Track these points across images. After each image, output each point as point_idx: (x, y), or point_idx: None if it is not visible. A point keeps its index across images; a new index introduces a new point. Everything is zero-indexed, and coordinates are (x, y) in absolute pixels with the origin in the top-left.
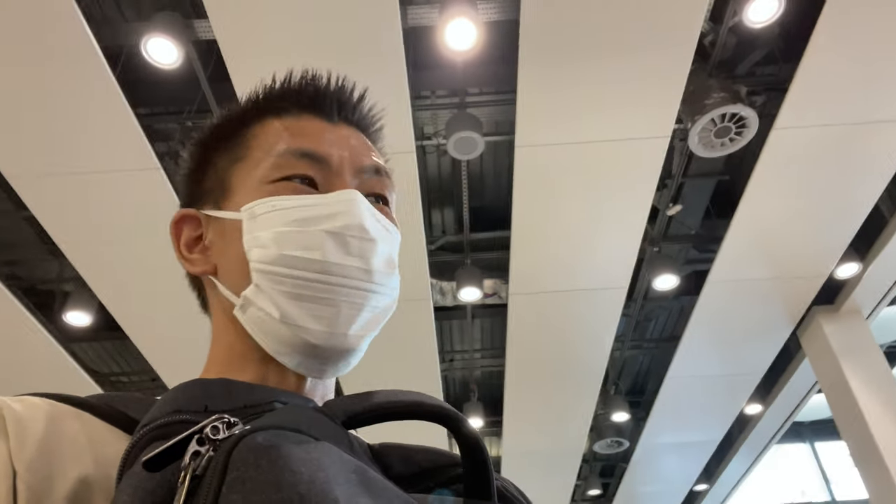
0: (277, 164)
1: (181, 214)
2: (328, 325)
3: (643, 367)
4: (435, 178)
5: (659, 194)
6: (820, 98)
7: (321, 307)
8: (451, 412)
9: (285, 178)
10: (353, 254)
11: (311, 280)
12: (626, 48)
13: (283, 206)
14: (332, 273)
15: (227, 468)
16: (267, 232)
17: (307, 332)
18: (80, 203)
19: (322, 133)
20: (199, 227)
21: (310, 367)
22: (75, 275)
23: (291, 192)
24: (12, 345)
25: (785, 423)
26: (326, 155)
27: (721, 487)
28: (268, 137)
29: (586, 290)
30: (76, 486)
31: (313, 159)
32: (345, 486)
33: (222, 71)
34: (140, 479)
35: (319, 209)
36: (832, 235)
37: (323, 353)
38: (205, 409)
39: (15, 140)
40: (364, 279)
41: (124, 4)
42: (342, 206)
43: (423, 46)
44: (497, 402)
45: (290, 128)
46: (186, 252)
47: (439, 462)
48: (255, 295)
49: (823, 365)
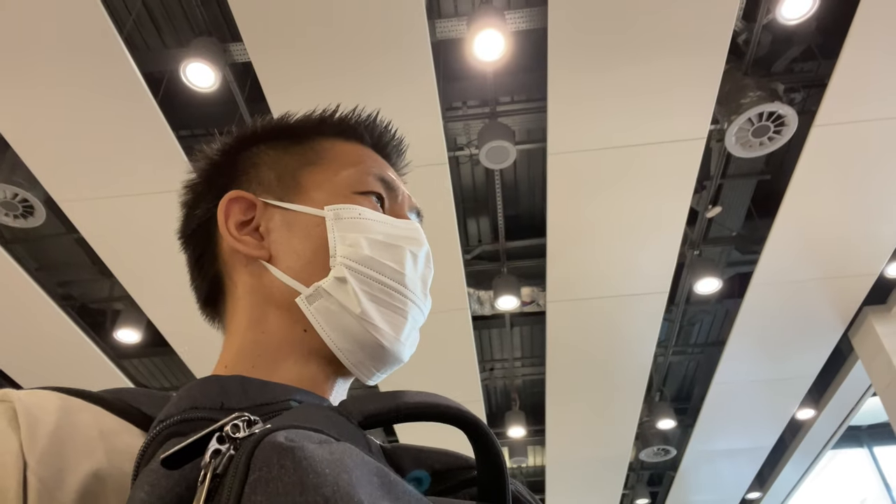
0: (360, 180)
1: (236, 195)
2: (395, 331)
3: (688, 373)
4: (469, 188)
5: (697, 196)
6: (861, 93)
7: (394, 315)
8: (467, 414)
9: (364, 193)
10: (419, 276)
11: (391, 288)
12: (657, 50)
13: (371, 216)
14: (407, 286)
15: (250, 468)
16: (356, 235)
17: (380, 332)
18: (127, 224)
19: (387, 169)
20: (250, 212)
21: (365, 368)
22: (124, 294)
23: (371, 206)
24: (67, 363)
25: (840, 428)
26: (398, 186)
27: (775, 495)
28: (345, 154)
29: (626, 296)
30: (88, 479)
31: (387, 186)
32: (368, 488)
33: (258, 91)
34: (158, 476)
35: (399, 230)
36: (881, 232)
37: (384, 357)
38: (221, 406)
39: (65, 166)
40: (422, 300)
41: (164, 32)
42: (416, 233)
43: (453, 58)
44: (539, 411)
45: (367, 154)
46: (237, 232)
47: (452, 465)
48: (334, 288)
49: (877, 366)
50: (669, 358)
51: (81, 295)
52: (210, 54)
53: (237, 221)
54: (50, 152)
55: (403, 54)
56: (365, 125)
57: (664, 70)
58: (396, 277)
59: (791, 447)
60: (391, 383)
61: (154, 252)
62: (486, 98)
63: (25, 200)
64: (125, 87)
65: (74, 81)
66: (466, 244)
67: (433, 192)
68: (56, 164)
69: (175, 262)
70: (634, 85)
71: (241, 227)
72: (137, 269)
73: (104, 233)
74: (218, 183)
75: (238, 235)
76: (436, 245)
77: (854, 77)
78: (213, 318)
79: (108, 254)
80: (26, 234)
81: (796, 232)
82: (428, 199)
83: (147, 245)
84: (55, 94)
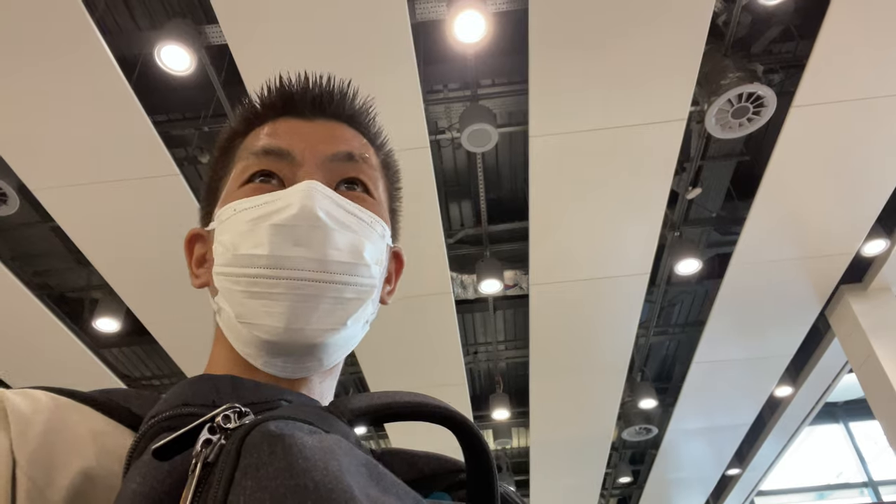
0: (245, 167)
1: (191, 234)
2: (281, 321)
3: (669, 353)
4: (451, 172)
5: (678, 178)
6: (839, 73)
7: (273, 303)
8: (455, 414)
9: (248, 179)
10: (301, 244)
11: (260, 276)
12: (638, 32)
13: (242, 207)
14: (279, 266)
15: (241, 454)
16: (227, 235)
17: (259, 328)
18: (102, 211)
19: (293, 130)
20: (205, 245)
21: (275, 366)
22: (102, 282)
23: (252, 192)
24: (45, 352)
25: (817, 405)
26: (287, 148)
27: (754, 471)
28: (244, 146)
29: (608, 278)
30: (78, 478)
31: (276, 155)
32: (357, 476)
33: (235, 74)
34: (149, 467)
35: (272, 205)
36: (858, 212)
37: (282, 350)
38: (212, 403)
39: (37, 153)
40: (316, 269)
41: (137, 13)
42: (294, 197)
43: (433, 40)
44: (523, 393)
45: (265, 131)
46: (195, 268)
47: (442, 468)
48: (220, 299)
49: (853, 344)
50: (651, 338)
51: (58, 284)
52: (185, 37)
53: (199, 256)
54: (22, 139)
55: (383, 36)
56: (269, 100)
57: (645, 52)
58: (261, 262)
59: (769, 424)
60: (377, 371)
61: (131, 240)
62: (468, 81)
63: None
64: (98, 71)
65: (45, 65)
66: (449, 228)
67: (415, 175)
68: (29, 151)
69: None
70: (615, 67)
71: (202, 261)
72: (115, 258)
73: (79, 221)
74: (202, 218)
75: (196, 271)
76: (418, 229)
77: (832, 57)
78: None
79: (85, 242)
80: (0, 223)
81: (775, 213)
82: (409, 183)
83: (124, 233)
84: (26, 78)
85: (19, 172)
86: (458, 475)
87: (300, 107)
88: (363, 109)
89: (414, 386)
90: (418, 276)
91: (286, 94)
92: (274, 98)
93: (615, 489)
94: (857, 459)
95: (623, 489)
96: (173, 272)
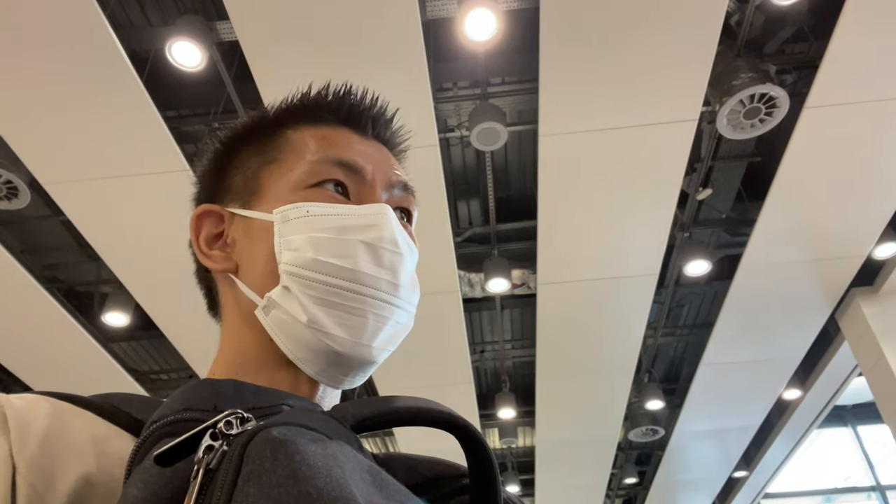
0: (313, 171)
1: (204, 209)
2: (353, 335)
3: (677, 354)
4: (460, 170)
5: (688, 178)
6: (853, 74)
7: (348, 316)
8: (459, 420)
9: (319, 184)
10: (384, 266)
11: (342, 288)
12: (650, 31)
13: (318, 212)
14: (362, 283)
15: (243, 461)
16: (300, 236)
17: (333, 338)
18: (113, 206)
19: (356, 145)
20: (220, 224)
21: (329, 376)
22: (112, 276)
23: (325, 198)
24: (55, 346)
25: (826, 408)
26: (361, 166)
27: (761, 474)
28: (304, 143)
29: (616, 278)
30: (78, 484)
31: (348, 169)
32: (360, 483)
33: (246, 71)
34: (151, 473)
35: (354, 219)
36: (869, 215)
37: (345, 362)
38: (214, 409)
39: (49, 147)
40: (391, 293)
41: (149, 9)
42: (376, 218)
43: (444, 38)
44: (529, 393)
45: (326, 136)
46: (206, 247)
47: (444, 473)
48: (281, 297)
49: (863, 347)
50: (658, 339)
51: (68, 278)
52: (196, 33)
53: (209, 235)
54: (34, 133)
55: (393, 34)
56: (330, 103)
57: (656, 51)
58: (346, 275)
59: (777, 427)
60: (384, 368)
61: (141, 234)
62: (478, 79)
63: (9, 182)
64: (109, 67)
65: (57, 61)
66: (457, 226)
67: (423, 173)
68: (40, 146)
69: (162, 245)
70: (626, 66)
71: (214, 240)
72: (125, 252)
73: (90, 215)
74: (206, 192)
75: (207, 251)
76: (426, 227)
77: (846, 59)
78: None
79: (95, 236)
80: (11, 217)
81: (785, 214)
82: (419, 182)
83: (134, 227)
84: (38, 73)
85: (31, 167)
86: (460, 480)
87: (362, 122)
88: (403, 140)
89: (420, 384)
90: (426, 274)
91: (350, 104)
92: (338, 103)
93: (621, 490)
94: (865, 463)
95: (629, 490)
96: (182, 267)
